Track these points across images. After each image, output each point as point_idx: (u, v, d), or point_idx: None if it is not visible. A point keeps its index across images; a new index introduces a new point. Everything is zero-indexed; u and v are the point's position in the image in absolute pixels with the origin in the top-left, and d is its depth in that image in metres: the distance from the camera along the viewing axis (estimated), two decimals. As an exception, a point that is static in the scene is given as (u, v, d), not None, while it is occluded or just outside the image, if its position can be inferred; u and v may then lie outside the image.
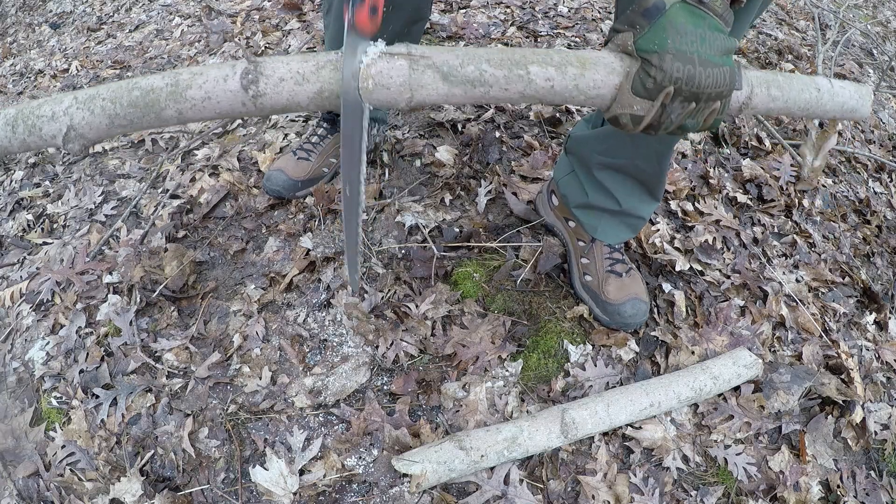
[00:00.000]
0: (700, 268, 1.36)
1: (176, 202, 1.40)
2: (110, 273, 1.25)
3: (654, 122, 0.66)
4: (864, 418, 1.16)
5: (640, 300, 1.16)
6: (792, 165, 1.70)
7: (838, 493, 1.07)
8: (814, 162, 0.94)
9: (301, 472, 0.98)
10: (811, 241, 1.54)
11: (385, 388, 1.10)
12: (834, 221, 1.63)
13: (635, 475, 1.02)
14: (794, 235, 1.52)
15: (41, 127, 0.63)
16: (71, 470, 1.01)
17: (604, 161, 1.11)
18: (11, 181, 1.62)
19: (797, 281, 1.41)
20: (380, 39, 0.62)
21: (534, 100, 0.66)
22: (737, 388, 1.15)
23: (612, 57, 0.65)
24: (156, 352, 1.13)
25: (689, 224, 1.45)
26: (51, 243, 1.39)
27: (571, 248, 1.27)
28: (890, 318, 1.41)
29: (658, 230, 1.39)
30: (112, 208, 1.45)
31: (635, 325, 1.18)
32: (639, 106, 0.64)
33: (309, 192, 1.39)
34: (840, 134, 2.00)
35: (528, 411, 1.07)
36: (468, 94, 0.63)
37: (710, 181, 1.59)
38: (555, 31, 2.19)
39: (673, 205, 1.49)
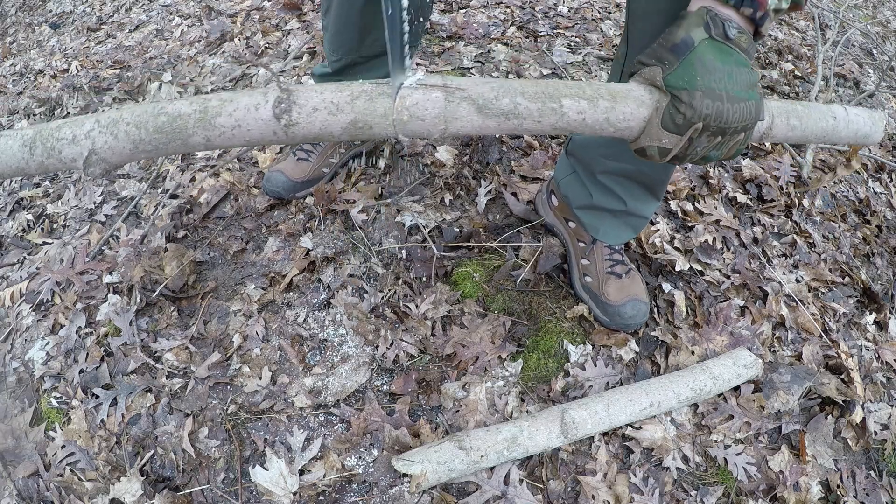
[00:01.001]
0: (700, 268, 1.36)
1: (176, 202, 1.40)
2: (110, 273, 1.25)
3: (680, 154, 0.67)
4: (864, 418, 1.16)
5: (640, 301, 1.16)
6: (792, 165, 1.70)
7: (838, 493, 1.07)
8: (830, 178, 0.95)
9: (301, 472, 0.98)
10: (811, 241, 1.54)
11: (385, 388, 1.10)
12: (834, 221, 1.63)
13: (635, 475, 1.02)
14: (794, 235, 1.52)
15: (61, 150, 0.61)
16: (71, 470, 1.01)
17: (608, 166, 1.10)
18: (11, 181, 1.62)
19: (797, 281, 1.41)
20: (415, 69, 0.62)
21: (565, 131, 0.67)
22: (737, 388, 1.15)
23: (641, 90, 0.66)
24: (156, 352, 1.13)
25: (689, 224, 1.45)
26: (51, 243, 1.39)
27: (571, 249, 1.27)
28: (890, 318, 1.41)
29: (658, 230, 1.39)
30: (112, 208, 1.45)
31: (635, 326, 1.18)
32: (667, 139, 0.66)
33: (309, 193, 1.39)
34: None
35: (528, 411, 1.07)
36: (501, 125, 0.64)
37: (710, 181, 1.59)
38: (555, 31, 2.19)
39: (673, 205, 1.49)
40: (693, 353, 1.18)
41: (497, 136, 1.59)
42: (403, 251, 1.29)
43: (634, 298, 1.16)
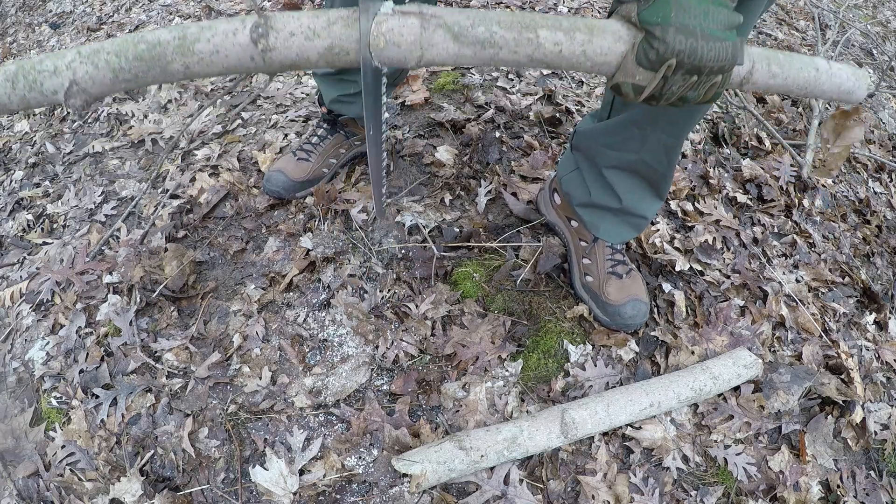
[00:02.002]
0: (700, 268, 1.36)
1: (176, 202, 1.40)
2: (110, 273, 1.25)
3: (655, 93, 0.67)
4: (864, 418, 1.16)
5: (640, 301, 1.16)
6: (792, 165, 1.70)
7: (838, 493, 1.07)
8: (830, 147, 0.93)
9: (301, 472, 0.98)
10: (811, 241, 1.54)
11: (385, 388, 1.10)
12: (834, 221, 1.63)
13: (635, 475, 1.02)
14: (794, 235, 1.52)
15: (42, 82, 0.61)
16: (71, 470, 1.01)
17: (611, 156, 1.09)
18: (11, 181, 1.62)
19: (797, 281, 1.41)
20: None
21: (542, 64, 0.66)
22: (737, 388, 1.15)
23: (618, 25, 0.66)
24: (156, 352, 1.13)
25: (689, 224, 1.45)
26: (51, 243, 1.39)
27: (573, 248, 1.27)
28: (890, 318, 1.41)
29: (658, 230, 1.39)
30: (112, 208, 1.45)
31: (636, 326, 1.18)
32: (641, 76, 0.65)
33: (309, 193, 1.39)
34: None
35: (528, 411, 1.07)
36: (478, 55, 0.64)
37: (710, 181, 1.59)
38: (555, 31, 2.18)
39: (673, 205, 1.49)
40: (693, 353, 1.18)
41: (497, 136, 1.59)
42: (403, 251, 1.29)
43: (635, 298, 1.16)
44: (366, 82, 0.68)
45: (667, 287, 1.28)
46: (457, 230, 1.33)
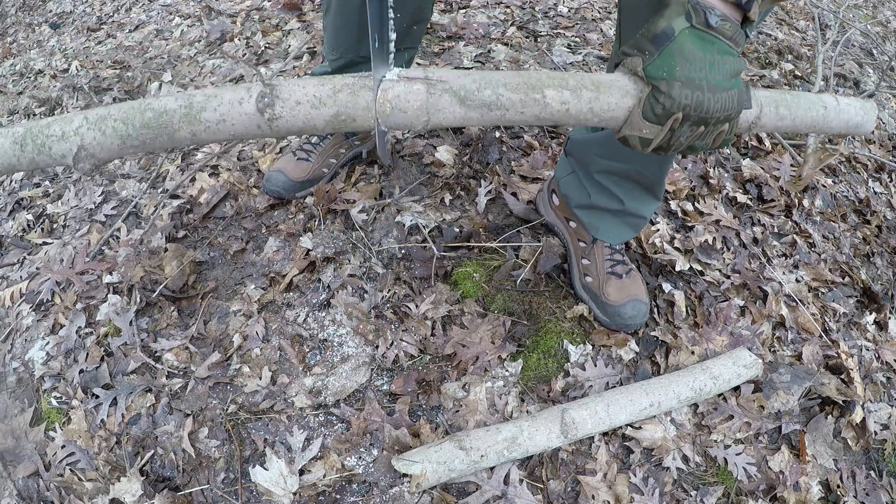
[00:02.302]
0: (700, 268, 1.35)
1: (176, 202, 1.40)
2: (110, 273, 1.25)
3: (663, 144, 0.67)
4: (864, 418, 1.16)
5: (640, 301, 1.16)
6: (792, 165, 1.70)
7: (838, 493, 1.07)
8: (807, 169, 0.95)
9: (301, 472, 0.98)
10: (811, 241, 1.54)
11: (385, 388, 1.10)
12: (834, 221, 1.63)
13: (635, 475, 1.02)
14: (794, 235, 1.52)
15: (51, 146, 0.62)
16: (71, 470, 1.01)
17: (604, 165, 1.11)
18: (11, 181, 1.62)
19: (797, 281, 1.41)
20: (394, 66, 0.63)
21: (549, 122, 0.67)
22: (737, 388, 1.15)
23: (625, 80, 0.66)
24: (156, 352, 1.13)
25: (689, 224, 1.45)
26: (51, 243, 1.39)
27: (572, 249, 1.27)
28: (890, 318, 1.41)
29: (658, 230, 1.39)
30: (112, 208, 1.45)
31: (635, 326, 1.18)
32: (648, 129, 0.66)
33: (309, 193, 1.39)
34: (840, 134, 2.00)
35: (528, 411, 1.07)
36: (484, 117, 0.64)
37: (710, 181, 1.59)
38: (555, 31, 2.19)
39: (673, 205, 1.49)
40: (693, 353, 1.18)
41: (497, 136, 1.59)
42: (403, 251, 1.29)
43: (635, 299, 1.16)
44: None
45: (667, 287, 1.28)
46: (457, 230, 1.33)
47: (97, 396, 1.07)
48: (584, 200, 1.19)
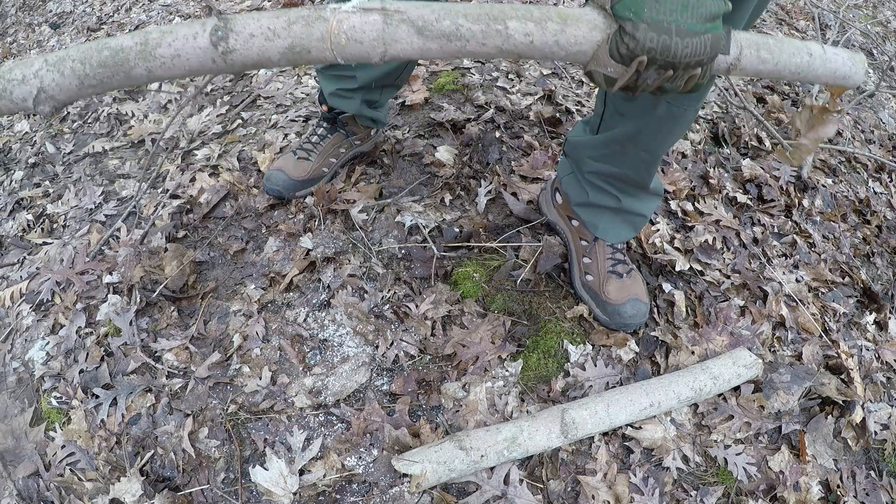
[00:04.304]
0: (700, 268, 1.35)
1: (176, 202, 1.40)
2: (110, 273, 1.25)
3: (629, 85, 0.65)
4: (864, 418, 1.16)
5: (640, 301, 1.16)
6: (792, 165, 1.70)
7: (838, 493, 1.07)
8: (800, 137, 0.92)
9: (301, 472, 0.98)
10: (811, 241, 1.54)
11: (385, 388, 1.10)
12: (834, 221, 1.63)
13: (635, 475, 1.02)
14: (794, 235, 1.52)
15: (12, 91, 0.63)
16: (71, 470, 1.01)
17: (595, 167, 1.14)
18: (11, 181, 1.62)
19: (797, 281, 1.41)
20: None
21: (512, 55, 0.65)
22: (737, 388, 1.15)
23: (594, 14, 0.64)
24: (156, 352, 1.13)
25: (689, 224, 1.45)
26: (51, 243, 1.39)
27: (573, 248, 1.27)
28: (890, 318, 1.41)
29: (658, 230, 1.39)
30: (112, 208, 1.45)
31: (635, 326, 1.18)
32: (612, 68, 0.63)
33: (309, 192, 1.39)
34: (840, 133, 2.00)
35: (528, 411, 1.07)
36: (444, 48, 0.63)
37: (710, 181, 1.59)
38: None
39: (673, 205, 1.49)
40: (693, 353, 1.18)
41: (497, 136, 1.59)
42: (403, 251, 1.29)
43: (635, 298, 1.16)
44: None
45: (667, 287, 1.28)
46: (457, 230, 1.33)
47: (97, 396, 1.07)
48: (583, 199, 1.20)
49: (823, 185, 1.71)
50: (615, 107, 1.03)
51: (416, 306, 1.19)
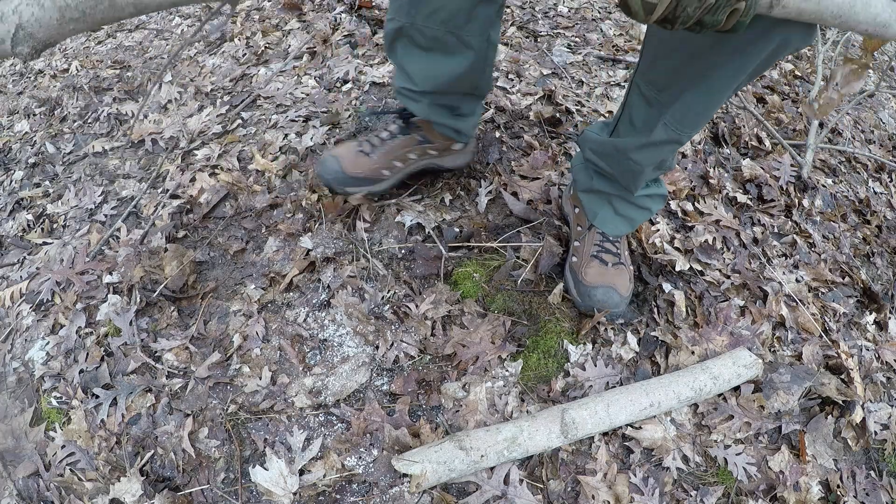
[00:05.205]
0: (700, 268, 1.35)
1: (176, 202, 1.40)
2: (110, 273, 1.25)
3: (669, 15, 0.62)
4: (864, 418, 1.16)
5: (614, 290, 1.16)
6: (792, 165, 1.70)
7: (838, 493, 1.07)
8: (827, 91, 0.90)
9: (301, 472, 0.98)
10: (811, 241, 1.54)
11: (385, 388, 1.10)
12: (834, 221, 1.63)
13: (635, 475, 1.02)
14: (794, 235, 1.52)
15: None
16: (71, 470, 1.01)
17: (594, 159, 1.18)
18: (11, 181, 1.62)
19: (797, 281, 1.41)
20: None
21: None
22: (737, 388, 1.15)
23: None
24: (156, 352, 1.13)
25: (689, 224, 1.45)
26: (51, 243, 1.39)
27: (572, 234, 1.30)
28: (890, 318, 1.41)
29: (658, 230, 1.39)
30: (112, 208, 1.45)
31: (603, 312, 1.17)
32: None
33: (364, 192, 1.26)
34: (840, 133, 2.00)
35: (528, 411, 1.07)
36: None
37: (710, 181, 1.59)
38: (555, 30, 2.18)
39: (673, 205, 1.49)
40: (693, 353, 1.18)
41: (497, 135, 1.59)
42: (404, 251, 1.29)
43: (610, 286, 1.16)
44: None
45: (667, 287, 1.28)
46: (457, 230, 1.33)
47: (97, 396, 1.07)
48: (588, 184, 1.23)
49: (823, 185, 1.71)
50: (630, 116, 1.04)
51: (417, 306, 1.19)
